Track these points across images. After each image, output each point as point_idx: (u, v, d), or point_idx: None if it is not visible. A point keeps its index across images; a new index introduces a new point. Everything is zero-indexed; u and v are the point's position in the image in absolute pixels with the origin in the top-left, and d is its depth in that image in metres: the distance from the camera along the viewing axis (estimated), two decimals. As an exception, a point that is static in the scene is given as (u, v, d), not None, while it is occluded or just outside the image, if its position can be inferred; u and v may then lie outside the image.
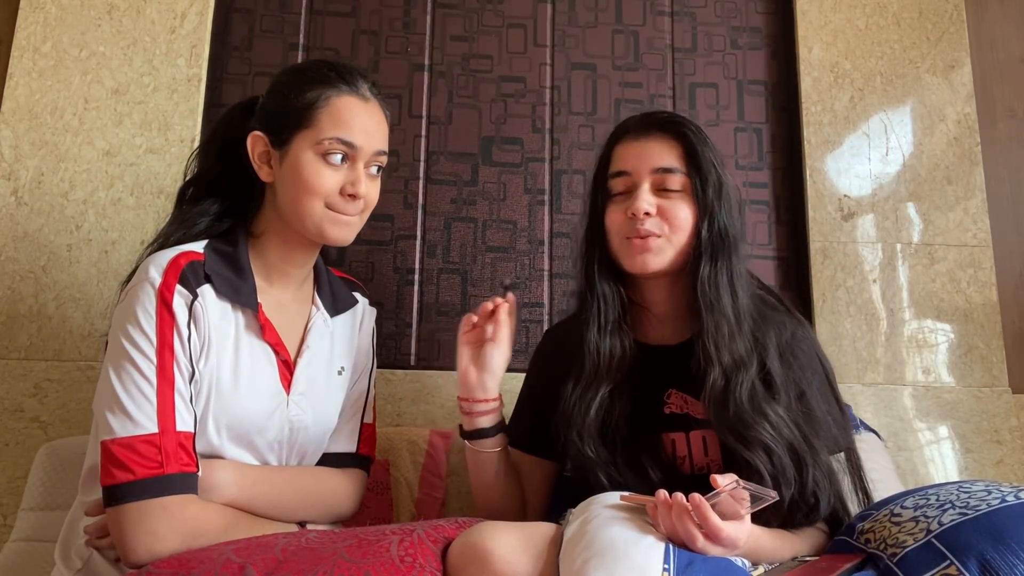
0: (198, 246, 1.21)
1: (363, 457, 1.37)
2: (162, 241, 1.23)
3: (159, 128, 1.82)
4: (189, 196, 1.30)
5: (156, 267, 1.14)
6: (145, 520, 1.04)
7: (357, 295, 1.43)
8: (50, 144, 1.78)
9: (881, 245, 1.93)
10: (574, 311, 1.43)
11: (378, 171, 1.28)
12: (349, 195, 1.22)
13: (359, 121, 1.23)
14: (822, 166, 1.95)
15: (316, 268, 1.36)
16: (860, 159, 1.97)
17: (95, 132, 1.80)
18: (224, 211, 1.28)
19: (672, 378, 1.28)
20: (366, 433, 1.38)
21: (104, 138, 1.80)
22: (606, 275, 1.31)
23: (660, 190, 1.25)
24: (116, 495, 1.05)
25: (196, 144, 1.81)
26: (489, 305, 1.30)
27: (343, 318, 1.37)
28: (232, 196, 1.29)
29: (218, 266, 1.20)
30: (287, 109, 1.22)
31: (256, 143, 1.24)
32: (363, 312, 1.43)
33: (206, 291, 1.17)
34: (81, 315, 1.72)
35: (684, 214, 1.24)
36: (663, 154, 1.26)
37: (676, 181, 1.24)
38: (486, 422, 1.30)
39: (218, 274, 1.19)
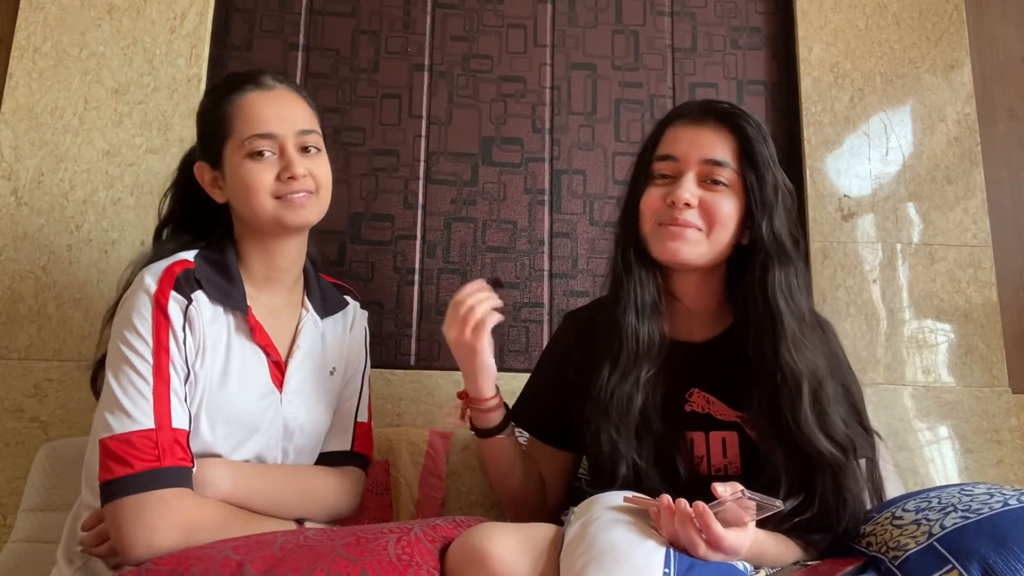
0: (189, 255, 1.24)
1: (358, 455, 1.38)
2: (135, 270, 1.26)
3: (159, 128, 1.82)
4: (165, 236, 1.36)
5: (152, 275, 1.18)
6: (143, 514, 1.05)
7: (348, 298, 1.45)
8: (50, 144, 1.78)
9: (881, 245, 1.93)
10: (597, 297, 1.42)
11: (316, 151, 1.28)
12: (289, 178, 1.23)
13: (268, 111, 1.25)
14: (822, 166, 1.95)
15: (306, 274, 1.38)
16: (860, 159, 1.96)
17: (95, 132, 1.80)
18: (192, 242, 1.32)
19: (696, 376, 1.25)
20: (360, 431, 1.39)
21: (104, 138, 1.80)
22: (641, 259, 1.26)
23: (705, 182, 1.20)
24: (114, 490, 1.07)
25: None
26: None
27: (334, 320, 1.40)
28: (201, 230, 1.33)
29: (208, 272, 1.23)
30: (209, 129, 1.28)
31: (202, 172, 1.29)
32: (354, 314, 1.45)
33: (199, 296, 1.20)
34: (81, 315, 1.72)
35: (728, 210, 1.19)
36: (716, 145, 1.21)
37: (725, 175, 1.19)
38: (498, 415, 1.30)
39: (208, 279, 1.22)
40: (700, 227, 1.20)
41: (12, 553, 1.45)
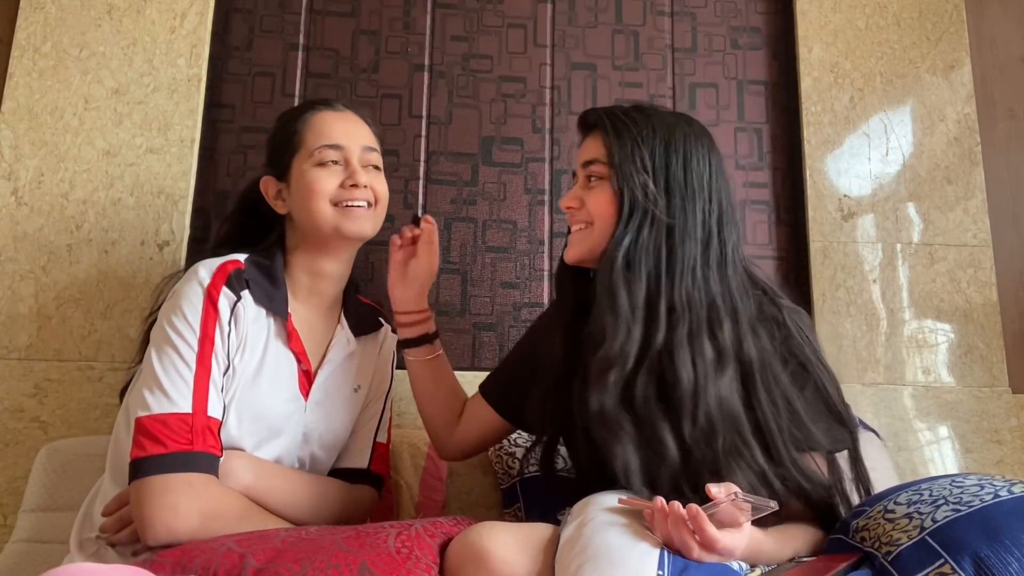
0: (240, 256, 1.30)
1: (374, 474, 1.42)
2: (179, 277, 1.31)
3: (159, 128, 1.82)
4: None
5: (206, 269, 1.24)
6: (169, 494, 1.08)
7: (382, 320, 1.51)
8: (50, 144, 1.79)
9: (881, 245, 1.93)
10: None
11: (377, 169, 1.37)
12: (351, 185, 1.31)
13: (338, 126, 1.35)
14: (822, 166, 1.95)
15: (345, 294, 1.44)
16: (860, 159, 1.97)
17: (95, 132, 1.80)
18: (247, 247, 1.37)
19: None
20: (378, 452, 1.44)
21: (104, 138, 1.80)
22: (561, 270, 1.35)
23: (588, 182, 1.27)
24: (144, 467, 1.10)
25: (196, 144, 1.83)
26: (407, 233, 1.45)
27: (366, 340, 1.45)
28: (252, 243, 1.39)
29: (255, 275, 1.28)
30: (279, 145, 1.37)
31: (268, 185, 1.38)
32: (385, 336, 1.51)
33: (246, 295, 1.25)
34: (81, 315, 1.73)
35: (600, 200, 1.23)
36: (589, 149, 1.28)
37: (597, 171, 1.25)
38: (409, 332, 1.44)
39: (255, 281, 1.27)
40: (585, 223, 1.26)
41: (12, 553, 1.46)
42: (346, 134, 1.34)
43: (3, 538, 1.59)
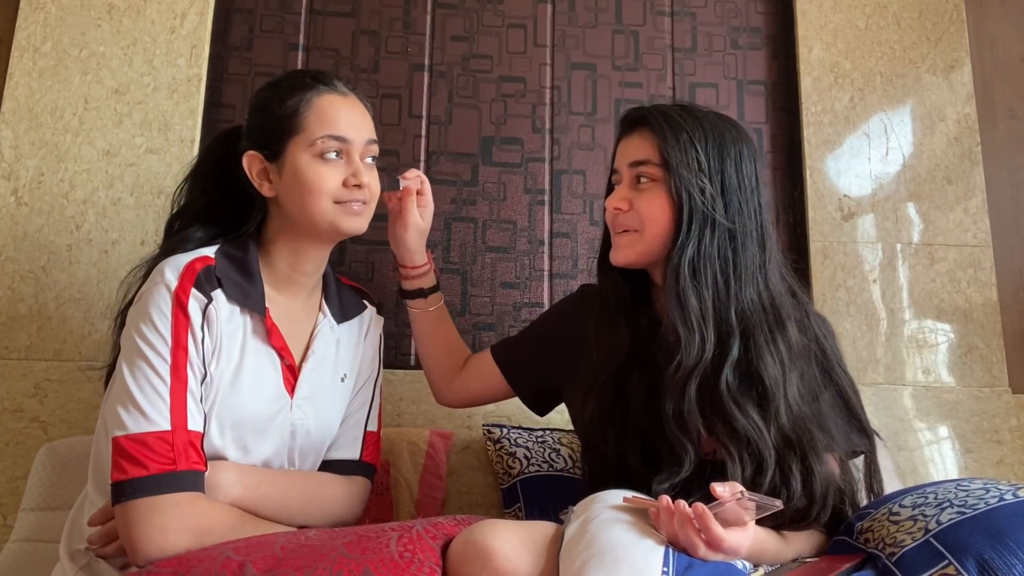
0: (210, 251, 1.23)
1: (366, 465, 1.37)
2: (150, 266, 1.24)
3: (159, 128, 1.82)
4: (177, 228, 1.32)
5: (172, 270, 1.16)
6: (156, 516, 1.04)
7: (365, 302, 1.45)
8: (50, 144, 1.78)
9: (881, 245, 1.93)
10: None
11: (373, 161, 1.31)
12: (354, 185, 1.24)
13: (344, 115, 1.26)
14: (822, 166, 1.95)
15: (325, 277, 1.37)
16: (860, 159, 1.97)
17: (95, 132, 1.80)
18: (211, 239, 1.29)
19: None
20: (370, 441, 1.38)
21: (104, 138, 1.80)
22: (608, 266, 1.32)
23: (637, 183, 1.24)
24: (127, 490, 1.05)
25: (196, 144, 1.82)
26: (393, 198, 1.46)
27: (349, 325, 1.39)
28: (219, 225, 1.31)
29: (228, 270, 1.22)
30: (274, 121, 1.25)
31: (252, 162, 1.27)
32: (370, 320, 1.44)
33: (218, 295, 1.19)
34: (81, 315, 1.72)
35: (654, 204, 1.21)
36: (638, 148, 1.25)
37: (649, 172, 1.22)
38: (405, 285, 1.50)
39: (228, 278, 1.21)
40: (634, 228, 1.24)
41: (12, 553, 1.46)
42: (353, 126, 1.26)
43: (3, 538, 1.59)
